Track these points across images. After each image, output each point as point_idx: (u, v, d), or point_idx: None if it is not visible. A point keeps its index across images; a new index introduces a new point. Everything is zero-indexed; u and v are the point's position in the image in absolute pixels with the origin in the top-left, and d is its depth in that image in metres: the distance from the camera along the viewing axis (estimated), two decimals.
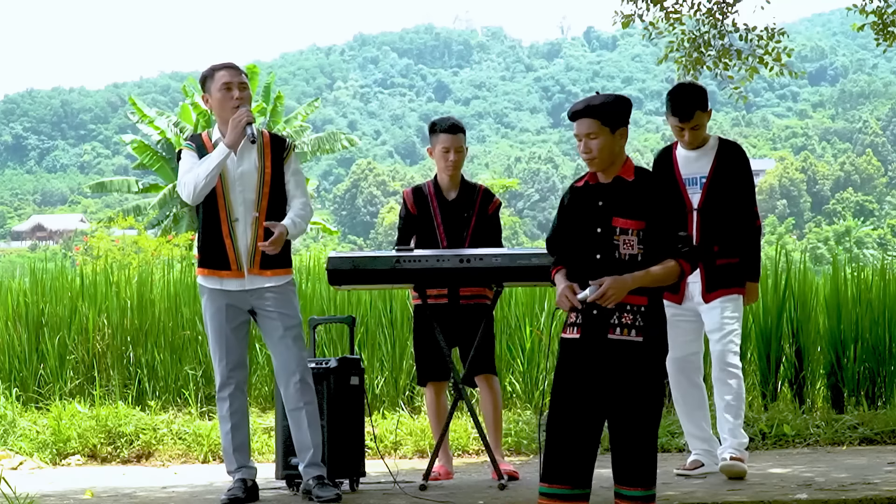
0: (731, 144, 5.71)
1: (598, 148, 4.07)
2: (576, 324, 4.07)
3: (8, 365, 8.40)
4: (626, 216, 4.04)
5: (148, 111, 34.75)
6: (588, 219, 4.09)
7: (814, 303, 8.25)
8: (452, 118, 6.04)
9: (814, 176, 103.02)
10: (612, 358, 4.00)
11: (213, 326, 5.23)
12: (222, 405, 5.23)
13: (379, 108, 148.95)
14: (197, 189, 5.09)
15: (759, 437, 7.18)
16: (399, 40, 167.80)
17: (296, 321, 5.25)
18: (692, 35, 11.04)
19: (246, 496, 5.14)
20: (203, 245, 5.23)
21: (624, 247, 4.03)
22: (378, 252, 5.67)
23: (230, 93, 5.16)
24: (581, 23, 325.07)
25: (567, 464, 4.01)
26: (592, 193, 4.13)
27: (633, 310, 4.01)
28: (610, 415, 4.04)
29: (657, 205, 4.07)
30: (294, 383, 5.19)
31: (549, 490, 4.03)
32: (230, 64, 5.30)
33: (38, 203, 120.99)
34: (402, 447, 7.17)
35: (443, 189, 5.96)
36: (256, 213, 5.17)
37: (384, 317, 8.42)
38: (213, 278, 5.20)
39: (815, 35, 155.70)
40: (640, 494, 3.99)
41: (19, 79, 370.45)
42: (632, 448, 4.00)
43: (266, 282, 5.19)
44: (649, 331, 4.02)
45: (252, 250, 5.16)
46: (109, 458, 7.25)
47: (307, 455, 5.19)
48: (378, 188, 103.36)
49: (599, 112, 4.07)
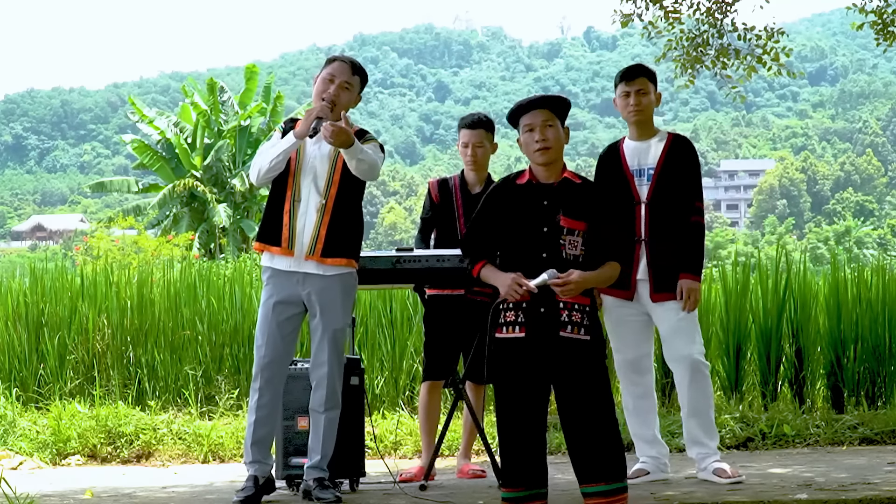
0: (681, 138, 5.59)
1: (554, 137, 4.09)
2: (517, 322, 4.03)
3: (8, 365, 8.40)
4: (573, 217, 4.06)
5: (148, 111, 34.77)
6: (532, 217, 4.08)
7: (814, 303, 8.25)
8: (479, 114, 6.01)
9: (814, 176, 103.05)
10: (561, 356, 3.99)
11: (262, 312, 5.18)
12: (253, 395, 5.17)
13: (379, 108, 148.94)
14: (261, 173, 5.11)
15: (759, 437, 7.17)
16: (399, 40, 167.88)
17: (339, 323, 5.15)
18: (691, 34, 11.05)
19: (257, 493, 5.12)
20: (263, 219, 5.21)
21: (569, 247, 4.04)
22: (378, 252, 5.66)
23: (328, 86, 5.16)
24: (581, 23, 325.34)
25: (523, 465, 4.00)
26: (536, 192, 4.11)
27: (581, 309, 4.02)
28: (563, 415, 4.03)
29: (602, 206, 4.10)
30: (321, 387, 5.15)
31: (509, 495, 4.03)
32: (346, 59, 5.27)
33: (38, 203, 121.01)
34: (402, 447, 7.17)
35: (468, 183, 5.96)
36: (324, 199, 5.12)
37: (384, 317, 8.42)
38: (266, 254, 5.18)
39: (815, 35, 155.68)
40: (603, 489, 3.97)
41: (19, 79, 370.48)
42: (589, 445, 3.98)
43: (317, 269, 5.11)
44: (593, 330, 4.04)
45: (314, 236, 5.10)
46: (109, 458, 7.24)
47: (314, 458, 5.18)
48: (378, 188, 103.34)
49: (553, 104, 4.14)
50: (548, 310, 4.00)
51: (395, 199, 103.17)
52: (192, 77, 36.78)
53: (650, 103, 5.54)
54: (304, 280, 5.12)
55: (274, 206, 5.18)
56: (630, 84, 5.52)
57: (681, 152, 5.50)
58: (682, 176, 5.45)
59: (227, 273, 9.62)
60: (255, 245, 5.26)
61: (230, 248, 32.75)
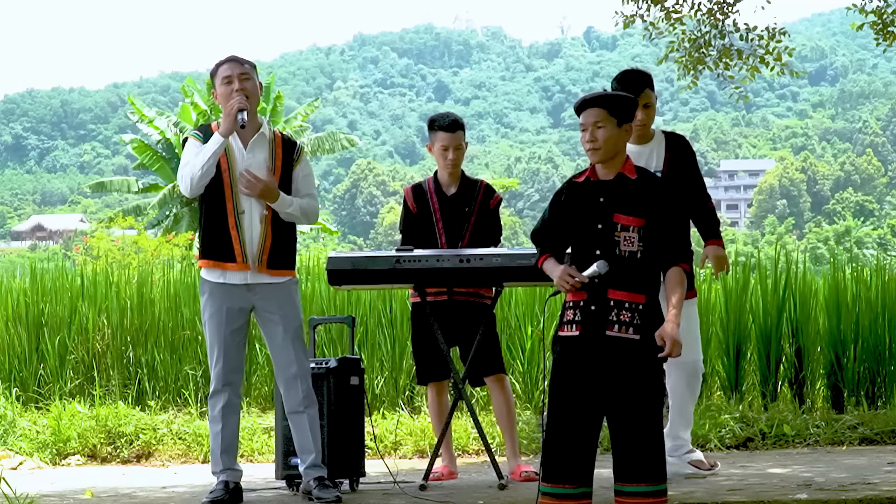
0: (677, 136, 5.66)
1: (603, 138, 4.08)
2: (574, 321, 4.05)
3: (8, 365, 8.39)
4: (628, 213, 4.04)
5: (147, 111, 34.75)
6: (589, 214, 4.08)
7: (814, 303, 8.24)
8: (452, 115, 5.98)
9: (814, 176, 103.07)
10: (609, 355, 3.98)
11: (212, 327, 5.18)
12: (214, 405, 5.19)
13: (379, 108, 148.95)
14: (193, 181, 5.06)
15: (759, 437, 7.18)
16: (399, 40, 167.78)
17: (297, 322, 5.23)
18: (693, 35, 11.05)
19: (228, 499, 5.12)
20: (206, 236, 5.18)
21: (624, 243, 4.02)
22: (378, 252, 5.66)
23: (231, 85, 5.15)
24: (581, 23, 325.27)
25: (569, 463, 3.99)
26: (593, 189, 4.12)
27: (631, 308, 4.00)
28: (610, 413, 4.04)
29: (659, 203, 4.08)
30: (294, 387, 5.17)
31: (552, 490, 4.02)
32: (232, 57, 5.28)
33: (38, 203, 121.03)
34: (402, 447, 7.17)
35: (442, 185, 5.94)
36: (265, 210, 5.13)
37: (384, 317, 8.42)
38: (217, 271, 5.15)
39: (815, 35, 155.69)
40: (644, 490, 3.97)
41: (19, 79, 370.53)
42: (634, 445, 3.98)
43: (269, 279, 5.16)
44: (647, 329, 4.00)
45: (261, 247, 5.13)
46: (109, 458, 7.25)
47: (309, 458, 5.19)
48: (378, 188, 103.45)
49: (608, 102, 4.10)
50: (598, 308, 4.01)
51: (396, 198, 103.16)
52: (192, 77, 36.73)
53: (653, 110, 5.60)
54: (255, 288, 5.15)
55: (216, 221, 5.14)
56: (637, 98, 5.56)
57: (680, 151, 5.59)
58: (686, 175, 5.54)
59: None
60: (201, 262, 5.21)
61: None
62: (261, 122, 5.29)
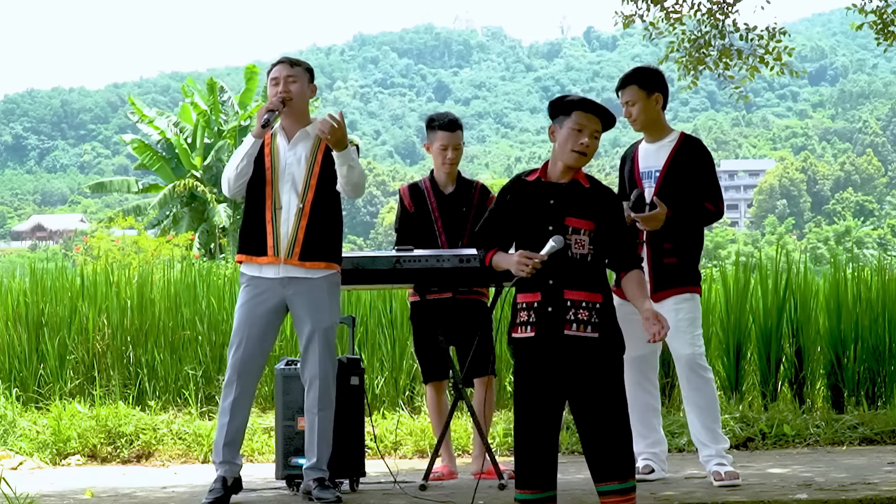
0: (693, 140, 5.55)
1: (593, 150, 4.11)
2: (528, 322, 4.02)
3: (8, 365, 8.39)
4: (579, 216, 4.05)
5: (148, 111, 34.79)
6: (538, 215, 4.07)
7: (814, 303, 8.25)
8: (450, 114, 6.00)
9: (814, 176, 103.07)
10: (568, 354, 3.97)
11: (239, 316, 5.17)
12: (226, 397, 5.16)
13: (379, 108, 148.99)
14: (230, 181, 5.15)
15: (759, 437, 7.18)
16: (399, 40, 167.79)
17: (328, 323, 5.16)
18: (693, 35, 11.05)
19: (226, 495, 5.12)
20: (243, 231, 5.20)
21: (576, 246, 4.02)
22: (378, 252, 5.66)
23: (276, 87, 5.21)
24: (581, 23, 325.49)
25: (538, 467, 3.99)
26: (544, 190, 4.10)
27: (589, 306, 4.00)
28: (576, 413, 4.02)
29: (608, 207, 4.10)
30: (313, 387, 5.16)
31: (525, 496, 4.01)
32: (284, 59, 5.33)
33: (38, 203, 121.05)
34: (402, 447, 7.17)
35: (440, 184, 5.96)
36: (301, 203, 5.12)
37: (384, 317, 8.42)
38: (252, 265, 5.16)
39: (815, 35, 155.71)
40: (615, 488, 3.97)
41: (19, 79, 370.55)
42: (601, 443, 3.97)
43: (303, 273, 5.12)
44: (604, 327, 4.01)
45: (292, 238, 5.11)
46: (109, 458, 7.24)
47: (312, 459, 5.18)
48: (378, 188, 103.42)
49: (609, 119, 4.17)
50: (555, 309, 3.99)
51: (395, 198, 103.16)
52: (192, 77, 36.79)
53: (641, 109, 5.52)
54: (288, 283, 5.13)
55: (254, 216, 5.17)
56: (621, 94, 5.58)
57: (690, 154, 5.47)
58: (690, 178, 5.43)
59: (227, 273, 9.61)
60: (238, 257, 5.23)
61: (230, 248, 32.75)
62: (311, 120, 5.29)
